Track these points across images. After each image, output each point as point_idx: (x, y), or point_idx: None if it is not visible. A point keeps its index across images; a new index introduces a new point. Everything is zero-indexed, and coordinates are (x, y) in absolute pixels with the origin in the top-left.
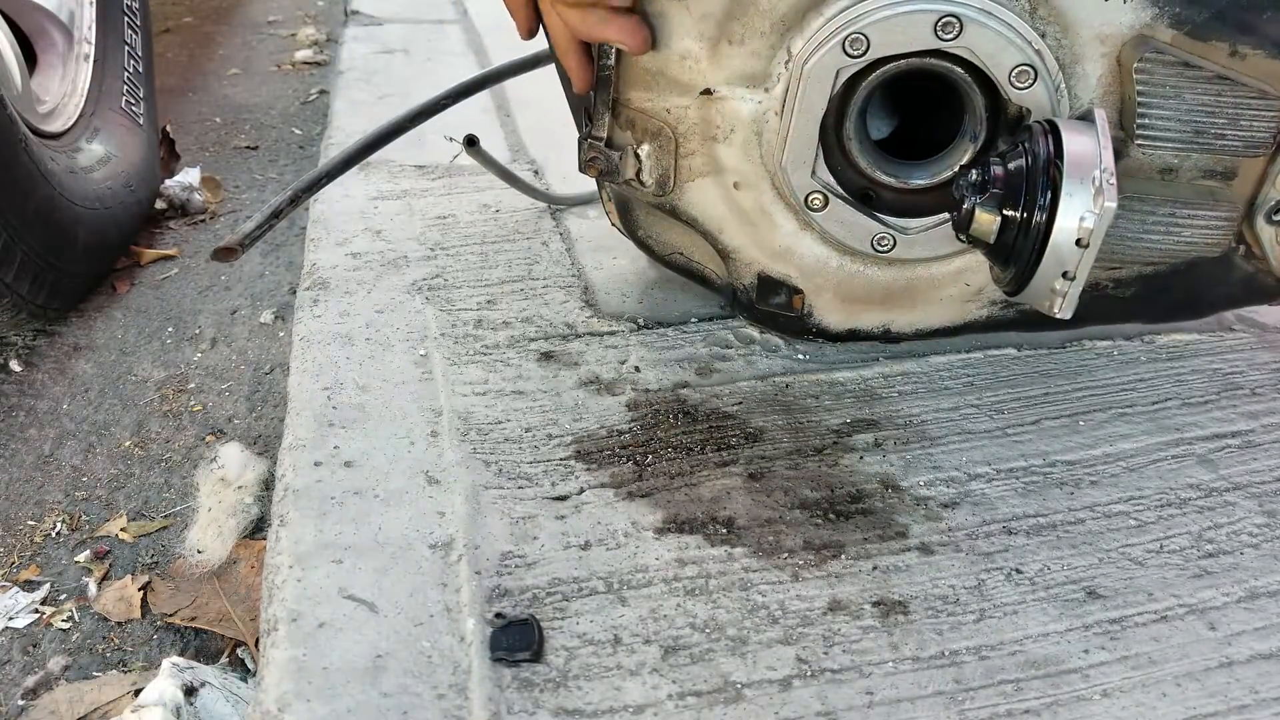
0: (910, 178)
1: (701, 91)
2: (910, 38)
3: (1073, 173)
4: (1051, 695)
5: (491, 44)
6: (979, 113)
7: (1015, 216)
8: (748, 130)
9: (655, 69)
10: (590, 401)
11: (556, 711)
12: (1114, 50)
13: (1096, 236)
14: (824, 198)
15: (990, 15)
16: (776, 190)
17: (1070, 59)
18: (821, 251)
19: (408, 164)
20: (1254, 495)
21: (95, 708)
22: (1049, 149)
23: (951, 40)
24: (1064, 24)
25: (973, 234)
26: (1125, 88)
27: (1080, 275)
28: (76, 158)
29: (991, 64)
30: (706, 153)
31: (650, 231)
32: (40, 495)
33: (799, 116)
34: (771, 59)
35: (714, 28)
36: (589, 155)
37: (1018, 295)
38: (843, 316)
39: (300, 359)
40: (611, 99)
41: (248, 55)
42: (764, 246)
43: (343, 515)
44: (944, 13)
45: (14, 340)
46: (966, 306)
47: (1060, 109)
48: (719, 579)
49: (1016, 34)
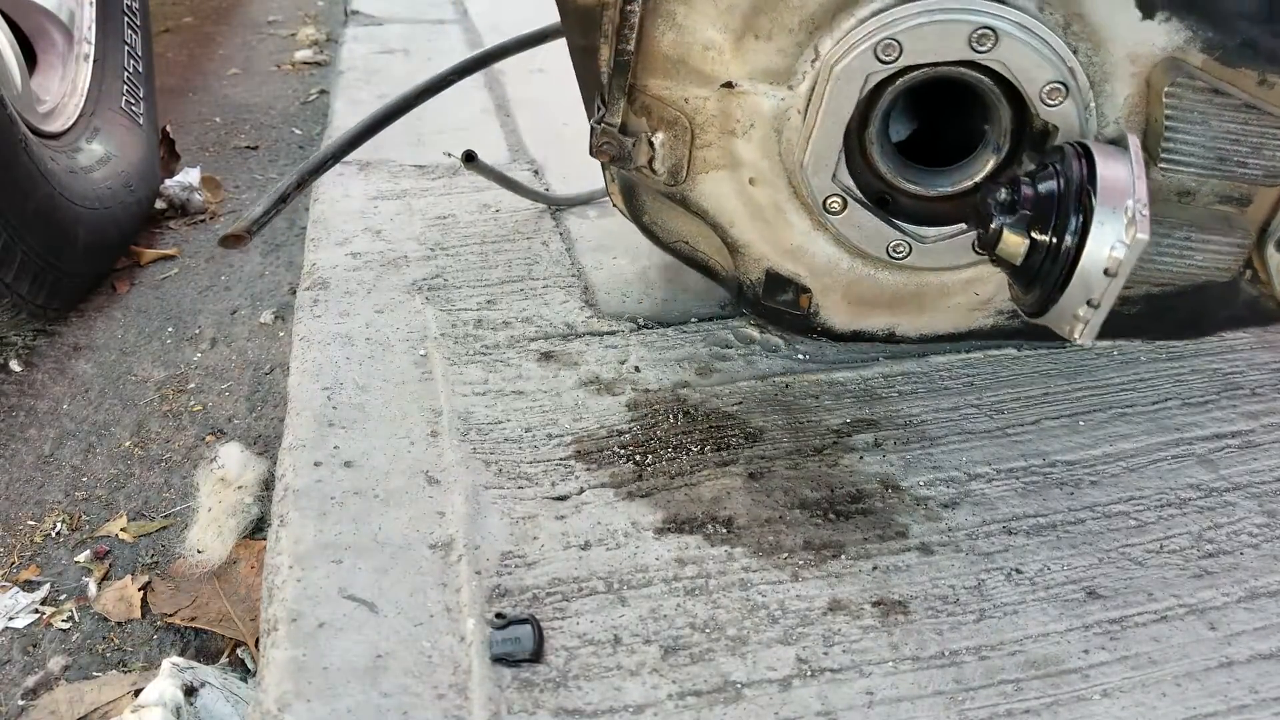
0: (930, 185)
1: (723, 84)
2: (944, 47)
3: (1105, 200)
4: (1051, 695)
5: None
6: (1003, 125)
7: (1044, 241)
8: (768, 127)
9: (676, 57)
10: (590, 401)
11: (556, 711)
12: (1144, 71)
13: (1126, 267)
14: (842, 201)
15: (1026, 30)
16: (793, 189)
17: (1100, 77)
18: (833, 252)
19: (408, 164)
20: (1254, 495)
21: (95, 708)
22: (1082, 174)
23: (986, 53)
24: (1096, 41)
25: (999, 254)
26: (1152, 109)
27: (1105, 304)
28: (76, 158)
29: (1024, 79)
30: (723, 146)
31: (656, 218)
32: (40, 495)
33: (824, 119)
34: (798, 56)
35: (740, 20)
36: (601, 140)
37: (1038, 318)
38: (849, 318)
39: (300, 359)
40: (629, 84)
41: (248, 55)
42: (775, 244)
43: (343, 515)
44: (980, 24)
45: (14, 340)
46: (973, 315)
47: (1088, 128)
48: (719, 579)
49: (1051, 50)
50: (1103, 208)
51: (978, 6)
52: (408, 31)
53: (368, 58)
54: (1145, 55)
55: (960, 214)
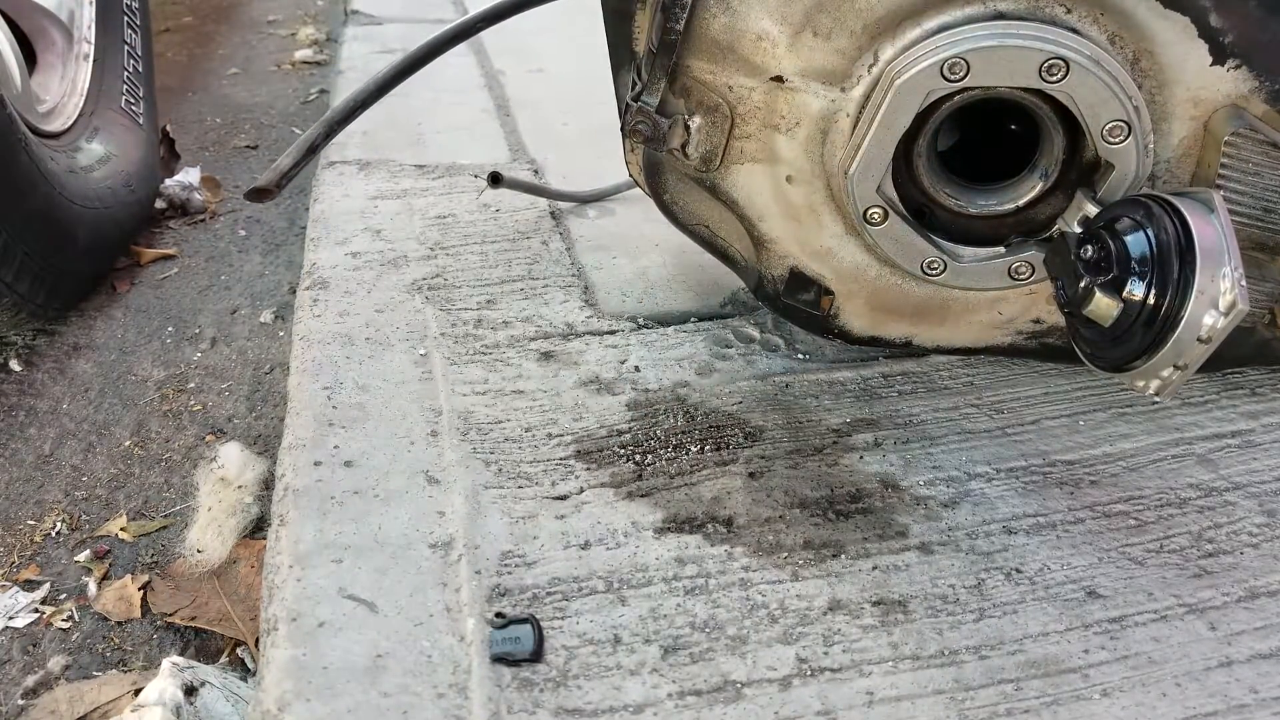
0: (971, 202)
1: (772, 77)
2: (1014, 73)
3: (1205, 267)
4: (1051, 695)
5: (491, 43)
6: (1055, 154)
7: (1138, 304)
8: (814, 126)
9: (726, 43)
10: (590, 401)
11: (556, 711)
12: (1204, 115)
13: (1220, 335)
14: (884, 213)
15: (1098, 64)
16: (830, 192)
17: (1159, 116)
18: (862, 259)
19: (408, 164)
20: (1254, 495)
21: (95, 707)
22: (1177, 235)
23: (1055, 83)
24: (1161, 80)
25: (1087, 314)
26: (1206, 154)
27: (1193, 368)
28: (76, 157)
29: (1088, 114)
30: (763, 140)
31: (677, 199)
32: (40, 495)
33: (879, 130)
34: (855, 59)
35: (800, 15)
36: (636, 120)
37: (1114, 374)
38: (869, 323)
39: (300, 359)
40: (672, 64)
41: (248, 55)
42: (804, 243)
43: (343, 515)
44: (1053, 54)
45: (14, 340)
46: (993, 332)
47: (1143, 168)
48: (719, 578)
49: (1120, 87)
50: (1202, 275)
51: (1051, 35)
52: (408, 31)
53: (367, 57)
54: (1208, 100)
55: (997, 234)
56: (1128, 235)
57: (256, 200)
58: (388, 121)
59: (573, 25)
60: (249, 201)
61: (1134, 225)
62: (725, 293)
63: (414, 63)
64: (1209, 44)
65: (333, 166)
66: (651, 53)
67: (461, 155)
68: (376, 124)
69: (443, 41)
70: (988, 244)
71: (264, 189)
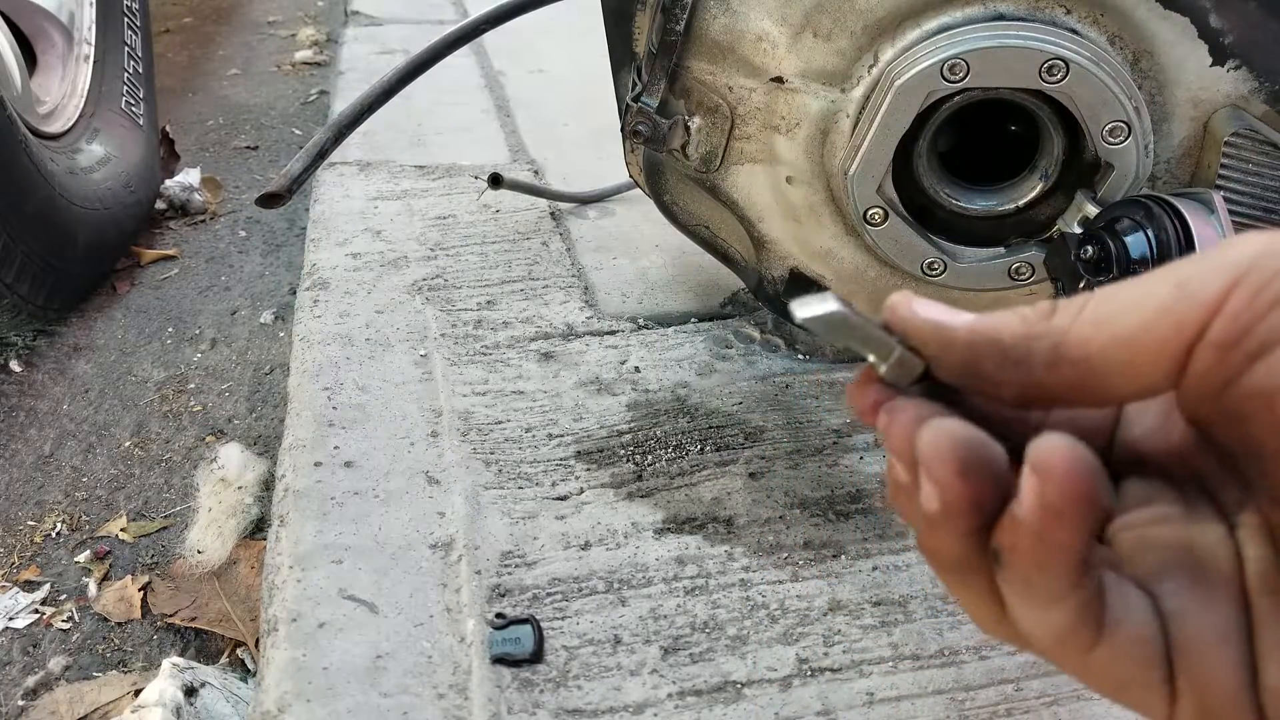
0: (971, 202)
1: (772, 78)
2: (1014, 73)
3: None
4: (1051, 695)
5: (492, 44)
6: (1055, 155)
7: None
8: (814, 127)
9: (726, 43)
10: (590, 401)
11: (557, 711)
12: (1204, 115)
13: None
14: (884, 214)
15: (1099, 65)
16: (830, 193)
17: (1159, 116)
18: (862, 260)
19: (408, 164)
20: None
21: (95, 708)
22: (1177, 235)
23: (1055, 84)
24: (1161, 80)
25: None
26: (1206, 155)
27: None
28: (76, 158)
29: (1089, 115)
30: (763, 140)
31: (678, 199)
32: (40, 495)
33: (879, 130)
34: (856, 60)
35: (800, 15)
36: (635, 120)
37: None
38: None
39: (300, 359)
40: (672, 65)
41: (248, 55)
42: (804, 244)
43: (343, 515)
44: (1054, 55)
45: (14, 340)
46: None
47: (1143, 169)
48: (719, 579)
49: (1121, 88)
50: None
51: (1050, 36)
52: (408, 32)
53: (368, 58)
54: (1208, 101)
55: (997, 235)
56: (1128, 236)
57: (267, 206)
58: (388, 122)
59: (573, 26)
60: (260, 207)
61: (1134, 226)
62: (725, 293)
63: (419, 65)
64: (1209, 44)
65: (333, 167)
66: (651, 53)
67: (462, 156)
68: (376, 125)
69: (447, 44)
70: (988, 245)
71: (275, 194)
